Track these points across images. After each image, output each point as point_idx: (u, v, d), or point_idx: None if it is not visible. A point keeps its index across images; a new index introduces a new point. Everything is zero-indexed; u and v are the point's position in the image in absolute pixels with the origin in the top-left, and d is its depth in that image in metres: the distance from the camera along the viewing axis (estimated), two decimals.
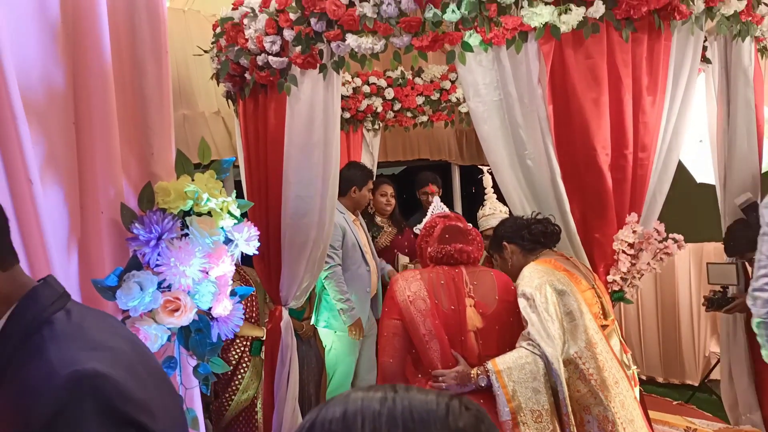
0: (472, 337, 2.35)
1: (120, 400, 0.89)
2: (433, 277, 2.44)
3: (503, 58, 2.60)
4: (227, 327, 1.62)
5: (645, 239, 2.57)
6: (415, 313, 2.37)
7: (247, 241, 1.64)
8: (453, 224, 2.56)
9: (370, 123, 5.05)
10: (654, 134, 2.63)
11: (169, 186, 1.52)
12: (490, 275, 2.48)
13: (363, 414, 0.69)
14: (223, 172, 1.63)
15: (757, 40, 2.98)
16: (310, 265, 3.18)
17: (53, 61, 1.36)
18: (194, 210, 1.54)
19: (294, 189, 3.01)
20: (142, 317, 1.46)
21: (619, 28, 2.51)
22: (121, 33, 1.53)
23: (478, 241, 2.53)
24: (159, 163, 1.60)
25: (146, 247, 1.47)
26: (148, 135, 1.57)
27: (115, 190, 1.48)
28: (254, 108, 3.13)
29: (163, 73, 1.60)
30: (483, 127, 2.71)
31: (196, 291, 1.51)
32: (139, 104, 1.57)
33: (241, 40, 2.92)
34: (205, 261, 1.51)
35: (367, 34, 2.66)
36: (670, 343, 4.70)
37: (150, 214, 1.49)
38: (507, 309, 2.39)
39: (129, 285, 1.42)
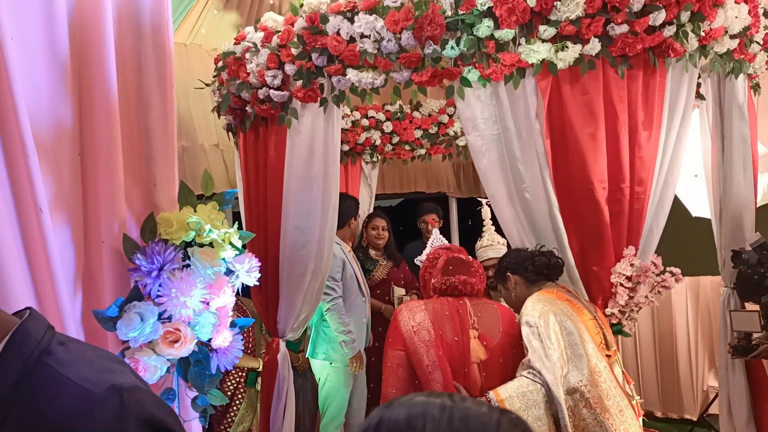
0: (475, 369, 2.35)
1: (158, 409, 0.91)
2: (438, 308, 2.44)
3: (501, 94, 2.64)
4: (227, 358, 1.62)
5: (642, 272, 2.59)
6: (419, 344, 2.36)
7: (248, 272, 1.65)
8: (456, 256, 2.59)
9: (368, 156, 5.10)
10: (650, 168, 2.66)
11: (171, 217, 1.52)
12: (494, 308, 2.50)
13: (424, 418, 0.76)
14: (226, 203, 1.65)
15: (749, 77, 3.04)
16: (308, 297, 3.17)
17: (62, 97, 1.38)
18: (196, 241, 1.55)
19: (293, 221, 3.03)
20: (141, 348, 1.46)
21: (614, 64, 2.56)
22: (128, 67, 1.56)
23: (481, 273, 2.56)
24: (162, 194, 1.61)
25: (148, 277, 1.47)
26: (151, 167, 1.59)
27: (118, 221, 1.50)
28: (254, 140, 3.16)
29: (168, 107, 1.63)
30: (481, 161, 2.74)
31: (196, 322, 1.50)
32: (143, 137, 1.59)
33: (243, 73, 2.97)
34: (206, 292, 1.51)
35: (367, 69, 2.71)
36: (668, 377, 4.68)
37: (152, 245, 1.49)
38: (510, 342, 2.41)
39: (130, 316, 1.42)
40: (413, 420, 0.76)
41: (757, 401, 3.20)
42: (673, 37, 2.52)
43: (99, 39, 1.44)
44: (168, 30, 1.65)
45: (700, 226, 4.01)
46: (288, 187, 3.00)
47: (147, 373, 1.44)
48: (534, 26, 2.52)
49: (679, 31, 2.52)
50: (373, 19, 2.61)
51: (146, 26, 1.57)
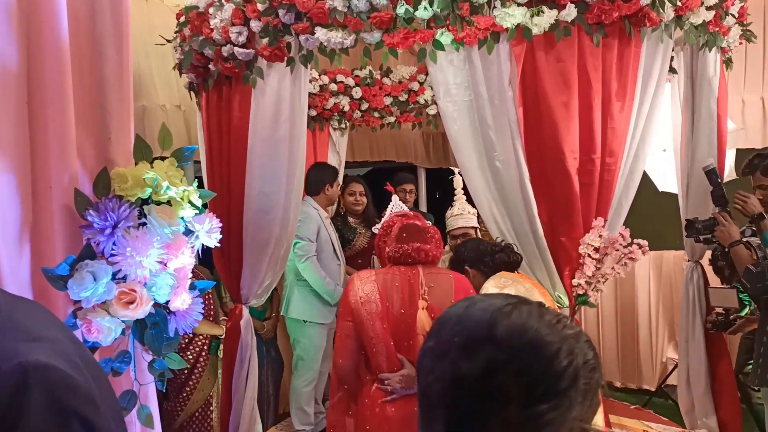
0: (421, 341, 2.20)
1: (66, 393, 0.84)
2: (389, 278, 2.40)
3: (475, 58, 2.57)
4: (185, 322, 1.55)
5: (610, 244, 2.58)
6: (366, 316, 2.34)
7: (209, 232, 1.57)
8: (411, 223, 2.52)
9: (336, 122, 4.99)
10: (622, 140, 2.64)
11: (126, 172, 1.43)
12: (448, 278, 2.43)
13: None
14: (185, 159, 1.55)
15: (722, 51, 3.02)
16: (272, 263, 3.10)
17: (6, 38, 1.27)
18: (153, 198, 1.46)
19: (258, 185, 2.93)
20: (94, 309, 1.38)
21: (590, 32, 2.51)
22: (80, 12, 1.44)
23: (437, 239, 2.49)
24: (116, 148, 1.51)
25: (101, 235, 1.38)
26: (105, 119, 1.49)
27: (69, 175, 1.40)
28: (218, 100, 3.04)
29: (123, 56, 1.52)
30: (453, 127, 2.68)
31: (153, 283, 1.43)
32: (97, 87, 1.48)
33: (206, 30, 2.83)
34: (163, 252, 1.43)
35: (336, 28, 2.61)
36: (629, 348, 4.76)
37: (106, 201, 1.40)
38: None
39: (81, 275, 1.33)
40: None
41: (715, 373, 3.26)
42: (650, 6, 2.48)
43: None
44: None
45: (665, 201, 4.05)
46: (252, 149, 2.90)
47: (101, 335, 1.37)
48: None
49: (655, 0, 2.47)
50: None
51: None
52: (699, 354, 3.25)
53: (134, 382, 1.55)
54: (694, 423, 3.32)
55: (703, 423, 3.26)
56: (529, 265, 2.69)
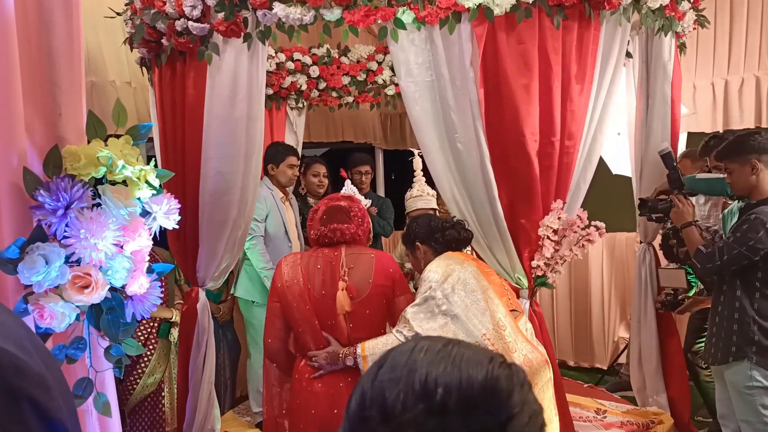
0: (341, 320, 2.42)
1: (16, 376, 0.78)
2: (312, 261, 2.48)
3: (436, 38, 2.55)
4: (143, 306, 1.49)
5: (568, 226, 2.61)
6: (291, 298, 2.43)
7: (167, 214, 1.51)
8: (335, 204, 2.55)
9: (293, 101, 4.91)
10: (580, 123, 2.66)
11: (78, 150, 1.35)
12: (369, 258, 2.49)
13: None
14: (141, 138, 1.49)
15: (677, 36, 3.08)
16: (229, 245, 3.04)
17: None
18: (108, 178, 1.39)
19: (214, 165, 2.86)
20: (47, 293, 1.31)
21: (550, 14, 2.51)
22: None
23: (360, 218, 2.52)
24: (67, 125, 1.43)
25: (53, 216, 1.31)
26: (55, 94, 1.40)
27: (17, 153, 1.31)
28: (171, 77, 2.93)
29: (73, 27, 1.43)
30: (414, 108, 2.66)
31: (108, 267, 1.36)
32: (45, 60, 1.39)
33: (159, 2, 2.72)
34: (119, 234, 1.36)
35: (295, 4, 2.54)
36: (582, 328, 4.87)
37: (57, 181, 1.33)
38: (379, 293, 2.45)
39: (33, 258, 1.26)
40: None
41: (666, 352, 3.36)
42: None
43: None
44: None
45: (618, 184, 4.13)
46: (208, 128, 2.82)
47: (54, 321, 1.30)
48: None
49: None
50: None
51: None
52: (650, 334, 3.34)
53: (90, 369, 1.49)
54: (645, 400, 3.43)
55: (654, 401, 3.36)
56: (489, 247, 2.71)
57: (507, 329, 2.23)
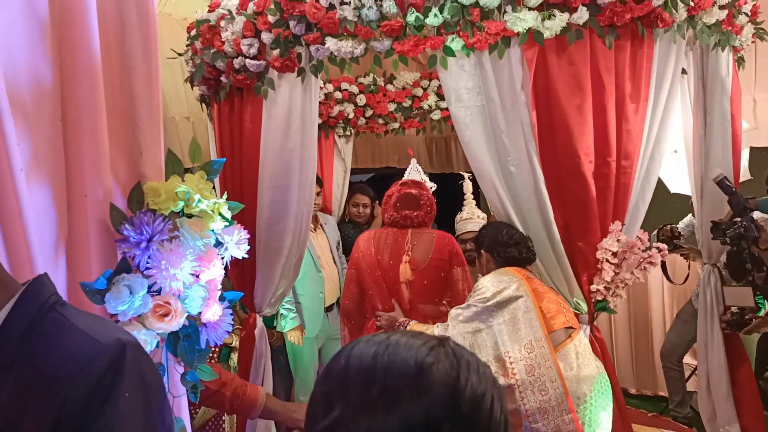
0: (404, 287, 2.96)
1: (154, 371, 0.97)
2: (383, 237, 3.08)
3: (486, 63, 2.56)
4: (216, 333, 1.55)
5: (628, 248, 2.55)
6: (364, 266, 3.06)
7: (238, 244, 1.58)
8: (406, 192, 3.10)
9: (341, 129, 5.00)
10: (637, 142, 2.62)
11: (159, 186, 1.44)
12: (431, 237, 3.03)
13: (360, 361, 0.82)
14: (214, 173, 1.56)
15: (735, 50, 3.01)
16: (285, 272, 3.09)
17: (41, 58, 1.28)
18: (184, 211, 1.47)
19: (269, 194, 2.93)
20: (131, 322, 1.38)
21: (602, 34, 2.49)
22: (110, 28, 1.45)
23: (428, 205, 3.07)
24: (148, 163, 1.52)
25: (136, 249, 1.39)
26: (136, 134, 1.49)
27: (103, 190, 1.40)
28: (229, 112, 3.04)
29: (152, 70, 1.52)
30: (465, 133, 2.67)
31: (186, 295, 1.43)
32: (127, 102, 1.49)
33: (218, 42, 2.83)
34: (196, 264, 1.43)
35: (347, 38, 2.60)
36: (643, 354, 4.71)
37: (140, 215, 1.41)
38: (437, 266, 2.97)
39: (119, 288, 1.34)
40: (349, 365, 0.82)
41: (736, 379, 3.21)
42: (662, 6, 2.46)
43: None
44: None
45: (677, 203, 4.03)
46: (264, 159, 2.90)
47: None
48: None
49: (668, 1, 2.46)
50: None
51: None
52: (719, 359, 3.21)
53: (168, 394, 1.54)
54: (716, 431, 3.28)
55: (725, 431, 3.21)
56: (546, 271, 2.67)
57: (535, 351, 2.30)
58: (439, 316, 3.00)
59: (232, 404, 1.97)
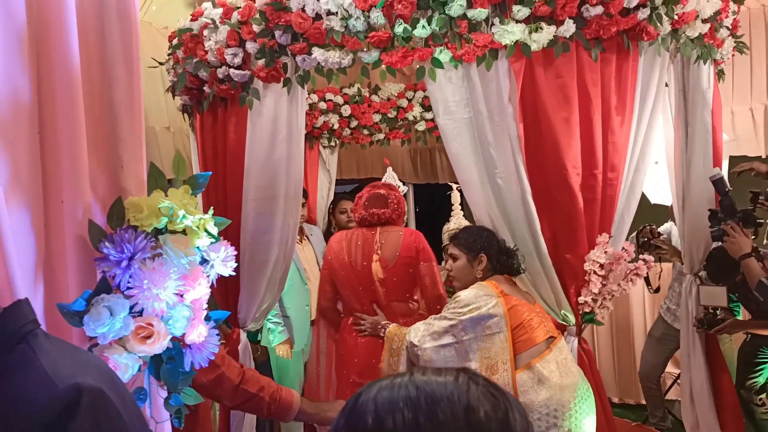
0: (378, 286, 3.02)
1: (112, 419, 0.90)
2: (353, 238, 3.15)
3: (473, 76, 2.56)
4: (201, 355, 1.49)
5: (615, 260, 2.56)
6: (337, 267, 3.13)
7: (224, 261, 1.52)
8: (375, 192, 3.17)
9: (326, 140, 4.98)
10: (622, 154, 2.63)
11: (141, 201, 1.38)
12: (397, 235, 3.10)
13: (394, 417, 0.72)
14: (199, 187, 1.51)
15: (715, 63, 3.05)
16: (270, 286, 3.04)
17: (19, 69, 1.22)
18: (168, 228, 1.41)
19: (255, 206, 2.88)
20: (111, 345, 1.31)
21: (588, 47, 2.51)
22: (90, 37, 1.39)
23: (396, 204, 3.14)
24: (129, 176, 1.46)
25: (117, 268, 1.32)
26: (117, 146, 1.43)
27: (82, 206, 1.34)
28: (213, 122, 2.99)
29: (134, 80, 1.46)
30: (453, 145, 2.66)
31: (169, 316, 1.37)
32: (107, 113, 1.42)
33: (200, 52, 2.79)
34: (180, 283, 1.37)
35: (334, 48, 2.59)
36: (625, 363, 4.73)
37: (121, 232, 1.35)
38: (405, 263, 3.04)
39: (98, 310, 1.27)
40: (383, 421, 0.72)
41: (717, 389, 3.24)
42: (647, 20, 2.49)
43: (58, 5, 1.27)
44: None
45: (657, 213, 4.07)
46: (249, 171, 2.86)
47: (118, 372, 1.30)
48: (507, 6, 2.45)
49: (653, 14, 2.49)
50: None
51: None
52: (701, 369, 3.23)
53: (150, 420, 1.49)
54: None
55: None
56: (533, 283, 2.67)
57: (498, 374, 2.31)
58: (409, 314, 3.09)
59: (269, 408, 1.94)
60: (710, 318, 3.21)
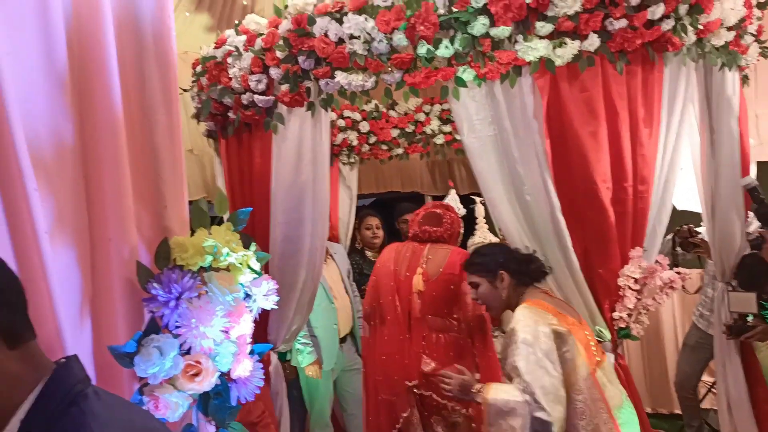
0: (415, 297, 3.10)
1: None
2: (403, 250, 3.28)
3: (497, 93, 2.55)
4: (247, 389, 1.50)
5: (649, 274, 2.53)
6: (382, 275, 3.26)
7: (266, 295, 1.53)
8: (431, 211, 3.31)
9: (345, 156, 4.99)
10: (652, 166, 2.61)
11: (186, 241, 1.39)
12: (445, 252, 3.16)
13: None
14: (240, 223, 1.52)
15: (740, 69, 3.02)
16: (300, 307, 3.06)
17: (62, 114, 1.24)
18: (212, 265, 1.42)
19: (282, 229, 2.90)
20: (162, 384, 1.33)
21: (613, 60, 2.49)
22: (130, 80, 1.41)
23: (449, 224, 3.24)
24: (173, 216, 1.48)
25: (165, 308, 1.34)
26: (160, 187, 1.45)
27: (128, 247, 1.36)
28: (238, 147, 3.02)
29: (173, 120, 1.49)
30: (479, 163, 2.65)
31: (216, 353, 1.38)
32: (149, 155, 1.45)
33: (225, 78, 2.82)
34: (226, 320, 1.38)
35: (357, 71, 2.60)
36: (656, 371, 4.67)
37: (168, 272, 1.36)
38: (447, 279, 3.08)
39: (149, 350, 1.29)
40: None
41: (754, 400, 3.18)
42: (671, 30, 2.47)
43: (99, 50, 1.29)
44: (171, 38, 1.50)
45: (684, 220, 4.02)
46: (275, 194, 2.88)
47: (168, 411, 1.31)
48: (530, 23, 2.44)
49: (677, 25, 2.47)
50: (362, 19, 2.50)
51: (148, 35, 1.42)
52: (738, 378, 3.17)
53: None
54: None
55: None
56: (565, 300, 2.64)
57: (583, 393, 2.17)
58: (446, 329, 3.10)
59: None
60: (739, 325, 3.16)
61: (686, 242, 3.58)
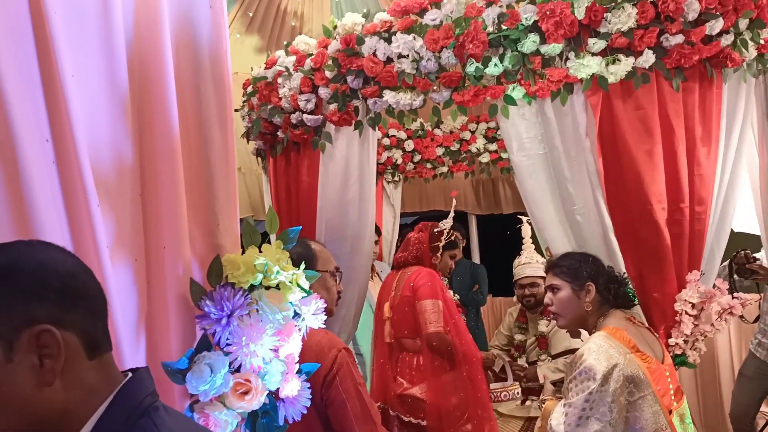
0: (388, 323, 3.24)
1: None
2: (388, 278, 3.41)
3: (548, 111, 2.51)
4: (294, 408, 1.48)
5: (708, 298, 2.43)
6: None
7: (315, 314, 1.52)
8: (407, 236, 3.41)
9: (390, 175, 4.99)
10: (710, 187, 2.51)
11: (238, 259, 1.40)
12: (407, 275, 3.24)
13: None
14: (290, 242, 1.52)
15: None
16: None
17: (123, 133, 1.27)
18: (263, 283, 1.43)
19: (328, 247, 2.89)
20: (212, 402, 1.33)
21: (668, 77, 2.42)
22: (187, 100, 1.44)
23: (415, 246, 3.32)
24: (225, 234, 1.49)
25: (217, 325, 1.35)
26: (213, 205, 1.47)
27: (182, 265, 1.38)
28: (285, 165, 3.04)
29: (228, 140, 1.51)
30: (528, 182, 2.61)
31: (265, 371, 1.38)
32: (204, 174, 1.47)
33: (275, 98, 2.86)
34: (276, 339, 1.38)
35: (405, 90, 2.59)
36: (710, 400, 4.48)
37: (220, 290, 1.37)
38: (404, 302, 3.17)
39: (200, 367, 1.29)
40: None
41: None
42: (731, 46, 2.40)
43: (158, 71, 1.32)
44: (226, 60, 1.53)
45: (740, 243, 3.87)
46: (322, 212, 2.89)
47: (218, 429, 1.31)
48: (582, 39, 2.40)
49: (737, 40, 2.39)
50: (411, 38, 2.50)
51: (204, 57, 1.46)
52: None
53: None
54: None
55: None
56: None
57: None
58: (416, 350, 3.16)
59: None
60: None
61: (743, 268, 3.44)
